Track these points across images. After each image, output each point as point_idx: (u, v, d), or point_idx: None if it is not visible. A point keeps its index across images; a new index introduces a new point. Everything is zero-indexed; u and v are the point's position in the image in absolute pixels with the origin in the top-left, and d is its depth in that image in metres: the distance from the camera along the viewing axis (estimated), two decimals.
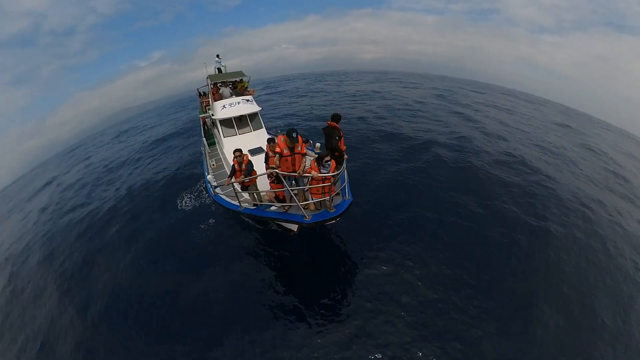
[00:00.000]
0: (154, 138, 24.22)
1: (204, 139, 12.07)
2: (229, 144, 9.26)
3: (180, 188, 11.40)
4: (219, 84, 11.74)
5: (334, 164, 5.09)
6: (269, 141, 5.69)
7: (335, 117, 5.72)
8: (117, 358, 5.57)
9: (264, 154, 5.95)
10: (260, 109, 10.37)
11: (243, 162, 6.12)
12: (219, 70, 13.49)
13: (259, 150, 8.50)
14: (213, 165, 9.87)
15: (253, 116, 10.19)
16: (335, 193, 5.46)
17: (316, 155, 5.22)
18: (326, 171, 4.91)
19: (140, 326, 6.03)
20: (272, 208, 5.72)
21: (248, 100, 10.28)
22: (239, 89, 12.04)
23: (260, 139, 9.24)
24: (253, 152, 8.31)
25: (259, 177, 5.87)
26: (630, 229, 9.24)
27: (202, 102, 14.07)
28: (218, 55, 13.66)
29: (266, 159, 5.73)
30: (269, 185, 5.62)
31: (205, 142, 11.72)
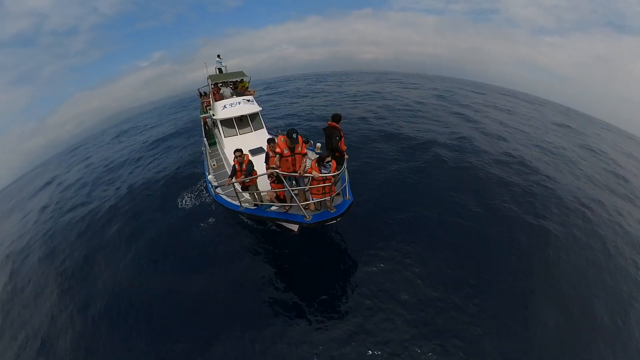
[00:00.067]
0: (154, 138, 24.22)
1: (205, 139, 12.07)
2: (230, 144, 9.28)
3: (180, 187, 11.41)
4: (220, 84, 11.76)
5: (334, 164, 5.10)
6: (269, 141, 5.71)
7: (336, 117, 5.72)
8: (118, 357, 5.58)
9: (264, 154, 5.96)
10: (260, 109, 10.39)
11: (244, 162, 6.13)
12: (219, 70, 13.52)
13: (260, 150, 8.52)
14: (214, 165, 9.89)
15: (254, 116, 10.21)
16: (336, 193, 5.46)
17: (317, 156, 5.23)
18: (327, 171, 4.92)
19: (140, 325, 6.05)
20: (273, 208, 5.73)
21: (249, 101, 10.31)
22: (239, 89, 12.08)
23: (261, 139, 9.25)
24: (254, 152, 8.33)
25: (259, 177, 5.89)
26: (630, 229, 9.25)
27: (203, 102, 14.08)
28: (219, 56, 13.70)
29: (266, 159, 5.74)
30: (270, 186, 5.63)
31: (206, 142, 11.72)
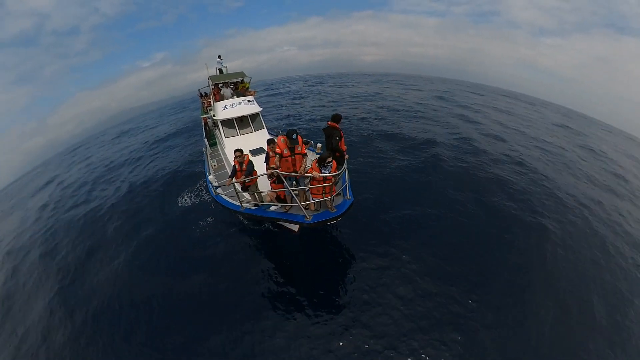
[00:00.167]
0: (155, 138, 24.26)
1: (205, 140, 12.09)
2: (230, 144, 9.31)
3: (180, 187, 11.46)
4: (220, 85, 11.80)
5: (335, 164, 5.12)
6: (269, 142, 5.75)
7: (336, 117, 5.74)
8: (117, 353, 5.62)
9: (265, 155, 5.99)
10: (261, 109, 10.42)
11: (244, 162, 6.15)
12: (220, 71, 13.56)
13: (260, 150, 8.55)
14: (214, 165, 9.90)
15: (254, 117, 10.24)
16: (336, 193, 5.48)
17: (317, 156, 5.25)
18: (327, 171, 4.94)
19: (140, 324, 6.07)
20: (273, 208, 5.75)
21: (249, 101, 10.34)
22: (240, 89, 12.11)
23: (262, 139, 9.25)
24: (254, 153, 8.36)
25: (260, 178, 5.91)
26: (630, 229, 9.30)
27: (204, 103, 14.11)
28: (219, 56, 13.74)
29: (267, 159, 5.77)
30: (270, 186, 5.65)
31: (206, 143, 11.73)
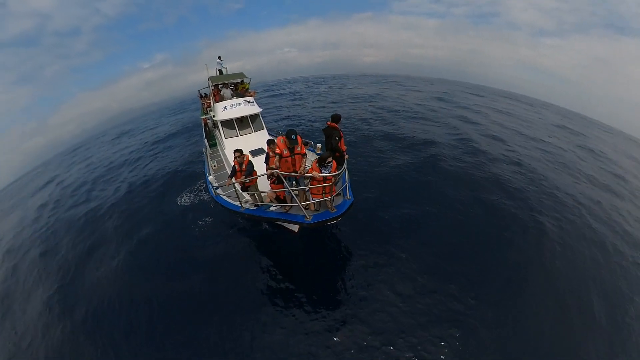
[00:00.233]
0: (155, 138, 24.33)
1: (205, 141, 12.09)
2: (230, 145, 9.29)
3: (180, 187, 11.49)
4: (220, 86, 11.81)
5: (335, 164, 5.12)
6: (269, 142, 5.75)
7: (335, 118, 5.73)
8: (117, 350, 5.63)
9: (264, 155, 5.98)
10: (261, 110, 10.42)
11: (243, 163, 6.14)
12: (220, 72, 13.60)
13: (260, 151, 8.54)
14: (214, 166, 9.89)
15: (254, 117, 10.24)
16: (336, 193, 5.47)
17: (317, 156, 5.26)
18: (327, 172, 4.94)
19: (140, 320, 6.10)
20: (273, 208, 5.74)
21: (249, 102, 10.34)
22: (240, 90, 12.13)
23: (262, 140, 9.21)
24: (254, 153, 8.35)
25: (260, 178, 5.91)
26: (629, 228, 9.33)
27: (204, 104, 14.13)
28: (219, 57, 13.78)
29: (266, 159, 5.77)
30: (270, 186, 5.64)
31: (206, 144, 11.73)
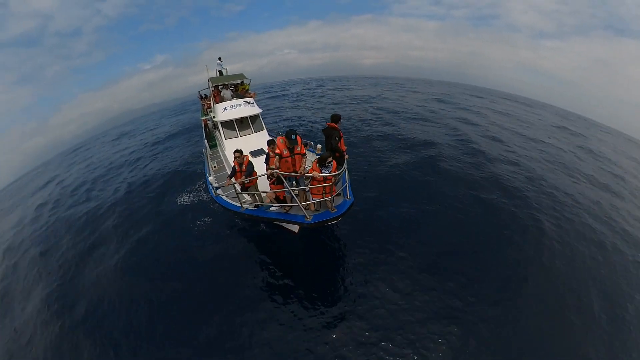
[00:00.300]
0: (155, 139, 24.36)
1: (206, 141, 12.08)
2: (230, 145, 9.26)
3: (180, 187, 11.51)
4: (221, 87, 11.83)
5: (335, 164, 5.12)
6: (269, 143, 5.76)
7: (335, 118, 5.73)
8: (116, 348, 5.62)
9: (265, 156, 5.98)
10: (261, 111, 10.42)
11: (243, 163, 6.13)
12: (220, 73, 13.63)
13: (260, 152, 8.54)
14: (214, 167, 9.88)
15: (254, 118, 10.24)
16: (337, 193, 5.47)
17: (317, 157, 5.26)
18: (328, 172, 4.94)
19: (139, 318, 6.10)
20: (273, 209, 5.72)
21: (249, 103, 10.34)
22: (240, 91, 12.16)
23: (262, 140, 9.21)
24: (254, 154, 8.33)
25: (259, 178, 5.91)
26: (629, 228, 9.34)
27: (204, 105, 14.15)
28: (220, 58, 13.83)
29: (267, 159, 5.77)
30: (269, 187, 5.62)
31: (206, 145, 11.72)
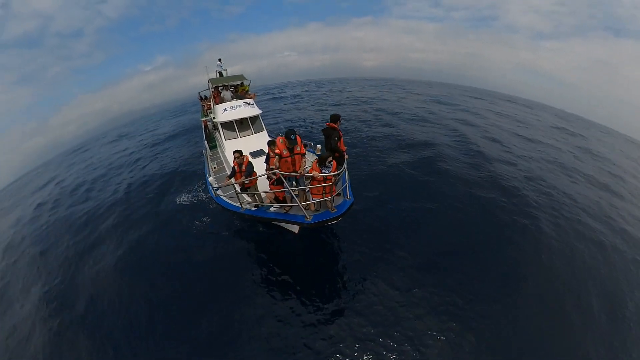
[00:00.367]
0: (155, 140, 24.38)
1: (206, 142, 12.09)
2: (230, 146, 9.26)
3: (179, 187, 11.52)
4: (220, 88, 11.86)
5: (335, 164, 5.12)
6: (269, 143, 5.78)
7: (334, 118, 5.73)
8: (116, 346, 5.61)
9: (265, 157, 5.99)
10: (261, 111, 10.43)
11: (243, 164, 6.11)
12: (220, 74, 13.65)
13: (260, 152, 8.54)
14: (214, 168, 9.87)
15: (254, 119, 10.25)
16: (336, 193, 5.46)
17: (317, 157, 5.27)
18: (328, 172, 4.94)
19: (139, 317, 6.09)
20: (273, 209, 5.71)
21: (249, 104, 10.35)
22: (240, 92, 12.17)
23: (262, 141, 9.24)
24: (254, 155, 8.33)
25: (259, 179, 5.90)
26: (628, 227, 9.34)
27: (204, 106, 14.16)
28: (220, 59, 13.86)
29: (267, 159, 5.78)
30: (269, 187, 5.62)
31: (206, 146, 11.72)
